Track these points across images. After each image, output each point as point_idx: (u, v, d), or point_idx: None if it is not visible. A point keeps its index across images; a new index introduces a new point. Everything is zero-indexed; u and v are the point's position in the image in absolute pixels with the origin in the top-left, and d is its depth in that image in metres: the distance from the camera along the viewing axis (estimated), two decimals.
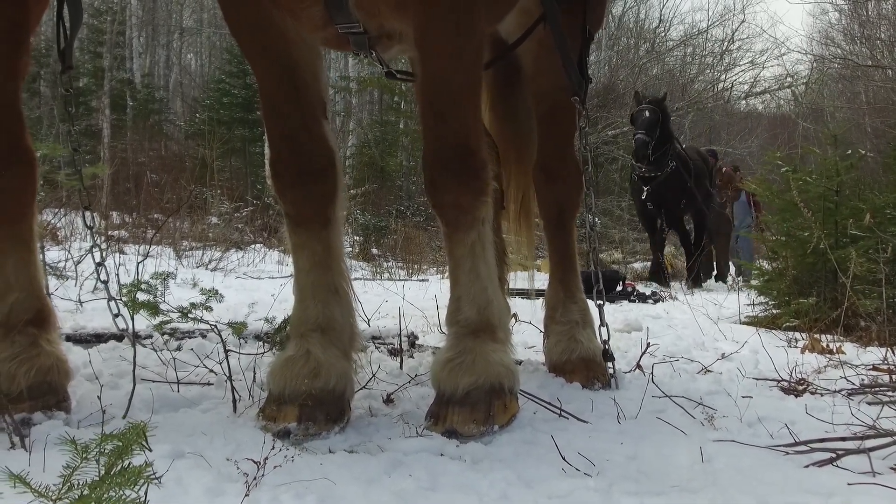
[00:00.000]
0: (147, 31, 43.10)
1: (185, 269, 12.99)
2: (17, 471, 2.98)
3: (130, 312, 4.07)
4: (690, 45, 48.42)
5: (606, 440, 3.71)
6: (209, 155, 26.74)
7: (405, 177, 34.89)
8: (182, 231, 18.01)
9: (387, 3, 3.72)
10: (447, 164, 3.74)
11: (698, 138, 40.67)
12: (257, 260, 16.85)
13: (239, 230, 20.74)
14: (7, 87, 3.86)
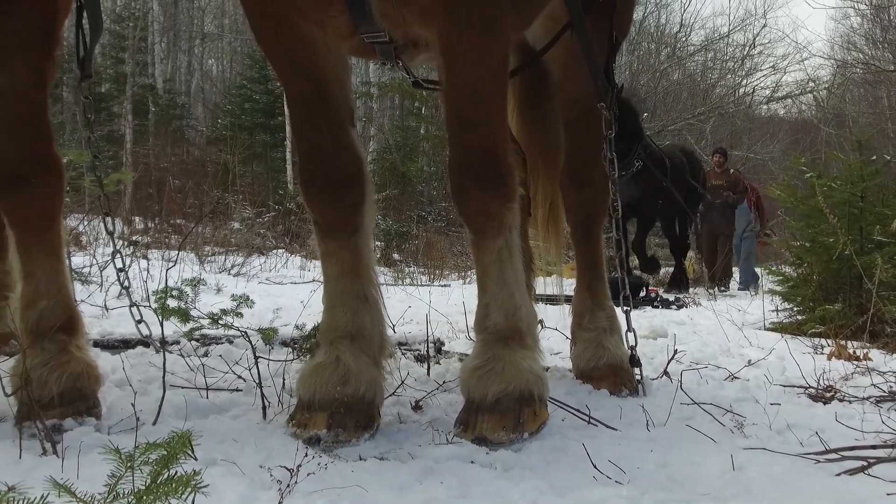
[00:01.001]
0: (169, 36, 43.26)
1: (207, 273, 13.01)
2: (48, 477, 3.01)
3: (160, 319, 4.09)
4: (712, 50, 48.32)
5: (636, 448, 3.70)
6: (231, 160, 26.83)
7: (426, 182, 34.91)
8: (204, 236, 18.05)
9: (411, 11, 3.71)
10: (474, 170, 3.74)
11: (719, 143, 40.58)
12: (279, 265, 16.88)
13: (261, 235, 20.78)
14: (36, 96, 3.89)
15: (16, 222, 3.89)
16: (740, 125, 45.42)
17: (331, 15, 3.72)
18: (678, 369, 5.35)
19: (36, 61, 3.88)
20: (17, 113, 3.83)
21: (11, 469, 3.14)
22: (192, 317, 4.08)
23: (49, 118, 4.01)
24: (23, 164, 3.80)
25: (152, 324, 5.32)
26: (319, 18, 3.77)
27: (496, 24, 3.73)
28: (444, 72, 3.77)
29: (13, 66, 3.80)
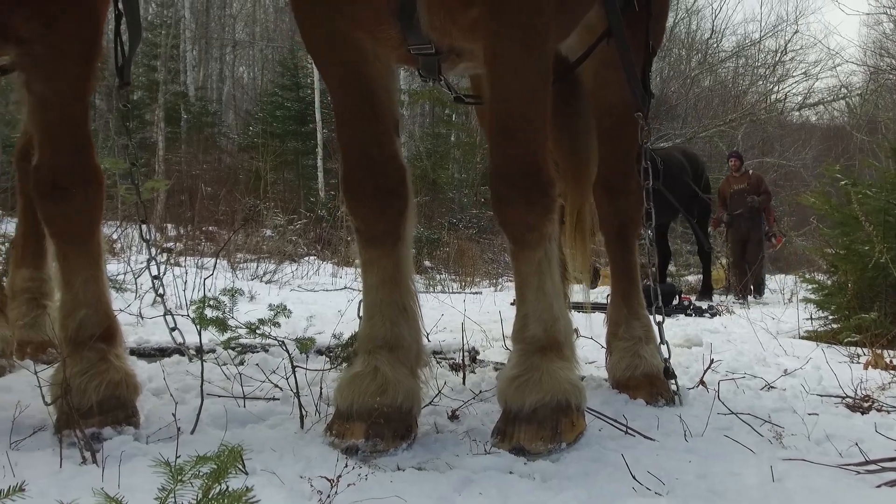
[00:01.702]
0: (200, 44, 43.44)
1: (240, 281, 13.05)
2: (89, 486, 3.03)
3: (198, 328, 4.10)
4: (743, 56, 48.12)
5: (675, 458, 3.69)
6: (263, 167, 26.92)
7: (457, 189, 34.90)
8: (237, 243, 18.12)
9: (459, 25, 3.74)
10: (515, 181, 3.74)
11: (751, 150, 40.39)
12: (311, 272, 16.93)
13: (293, 242, 20.83)
14: (78, 107, 3.92)
15: (56, 231, 3.92)
16: (772, 132, 45.17)
17: (382, 26, 3.75)
18: (714, 379, 5.33)
19: (78, 72, 3.91)
20: (59, 123, 3.87)
21: (53, 478, 3.16)
22: (230, 326, 4.09)
23: (89, 128, 4.04)
24: (63, 173, 3.83)
25: (187, 331, 5.36)
26: (371, 29, 3.80)
27: (541, 36, 3.75)
28: (489, 82, 3.79)
29: (56, 77, 3.83)
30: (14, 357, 5.28)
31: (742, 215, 18.90)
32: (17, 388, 4.62)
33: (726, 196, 19.25)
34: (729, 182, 19.61)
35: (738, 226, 19.08)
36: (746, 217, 18.91)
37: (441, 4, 3.66)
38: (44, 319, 5.55)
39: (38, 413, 3.90)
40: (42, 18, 3.73)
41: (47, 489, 2.99)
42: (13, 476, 3.22)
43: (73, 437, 3.53)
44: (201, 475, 2.10)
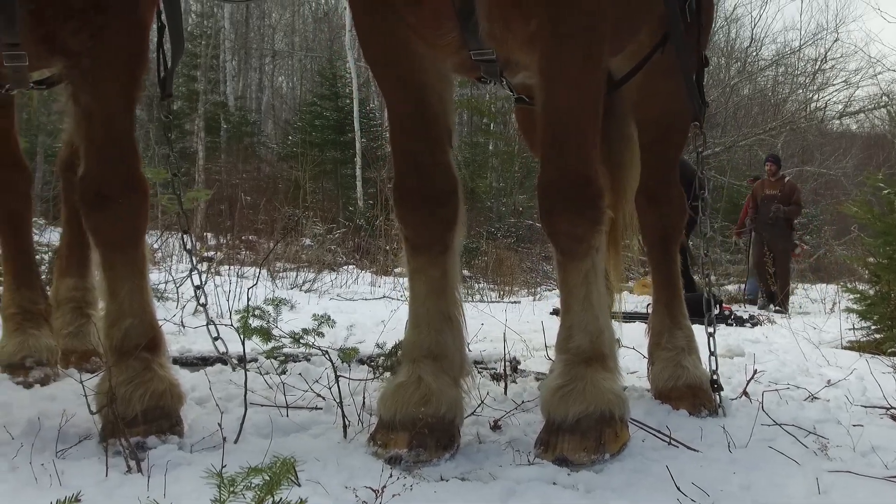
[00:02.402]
0: (240, 54, 43.67)
1: (279, 290, 13.09)
2: (135, 495, 3.06)
3: (242, 338, 4.12)
4: (782, 65, 47.82)
5: (718, 469, 3.68)
6: (302, 177, 27.00)
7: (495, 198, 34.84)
8: (276, 252, 18.17)
9: (516, 36, 3.76)
10: (565, 192, 3.75)
11: (791, 158, 40.12)
12: (350, 281, 16.92)
13: (331, 252, 20.86)
14: (124, 118, 3.96)
15: (101, 241, 3.95)
16: (812, 140, 44.82)
17: (441, 32, 3.78)
18: (757, 389, 5.30)
19: (124, 83, 3.95)
20: (105, 133, 3.90)
21: (99, 487, 3.19)
22: (274, 336, 4.11)
23: (135, 139, 4.07)
24: (109, 183, 3.87)
25: (229, 340, 5.39)
26: (430, 35, 3.83)
27: (597, 51, 3.79)
28: (542, 92, 3.80)
29: (102, 89, 3.87)
30: (58, 366, 5.32)
31: (766, 223, 18.33)
32: (62, 396, 4.66)
33: (757, 199, 18.70)
34: (763, 186, 19.01)
35: (761, 232, 18.51)
36: (770, 225, 18.32)
37: (500, 15, 3.68)
38: (88, 328, 5.58)
39: (84, 422, 3.94)
40: (89, 31, 3.77)
41: (94, 498, 3.02)
42: (59, 484, 3.26)
43: (118, 446, 3.56)
44: (253, 486, 2.11)
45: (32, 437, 3.77)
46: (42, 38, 3.81)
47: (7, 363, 5.18)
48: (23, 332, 5.24)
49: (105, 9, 3.77)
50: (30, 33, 3.75)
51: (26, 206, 5.47)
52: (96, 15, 3.76)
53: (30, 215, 5.57)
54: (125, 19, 3.88)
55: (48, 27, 3.76)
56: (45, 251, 8.32)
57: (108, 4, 3.79)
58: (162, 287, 9.56)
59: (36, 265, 5.70)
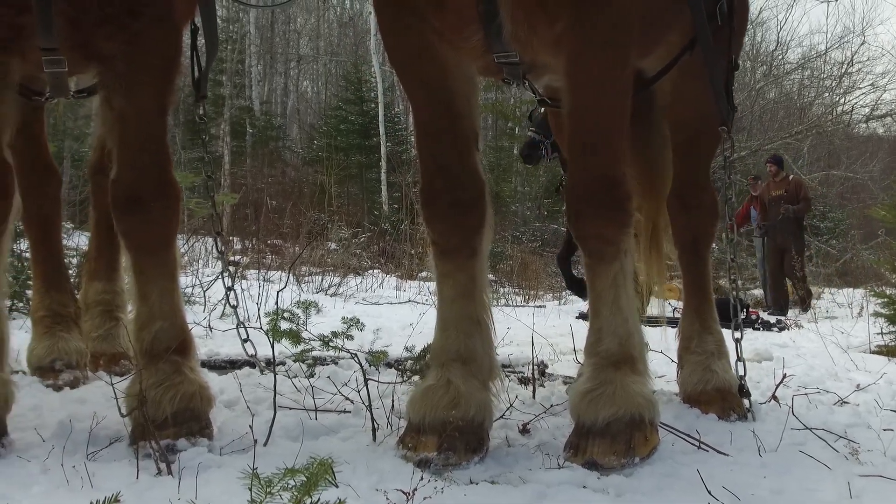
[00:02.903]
0: (265, 59, 43.79)
1: (305, 293, 13.12)
2: (166, 497, 3.07)
3: (271, 341, 4.13)
4: (809, 68, 47.57)
5: (749, 473, 3.66)
6: (327, 181, 27.06)
7: (520, 202, 34.85)
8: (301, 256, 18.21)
9: (542, 40, 3.75)
10: (593, 195, 3.74)
11: (817, 162, 39.95)
12: (375, 285, 16.96)
13: (357, 256, 20.90)
14: (157, 122, 3.98)
15: (133, 245, 3.97)
16: (838, 144, 44.55)
17: (466, 35, 3.78)
18: (786, 394, 5.27)
19: (158, 87, 3.97)
20: (138, 137, 3.92)
21: (130, 489, 3.19)
22: (304, 339, 4.12)
23: (168, 143, 4.09)
24: (141, 187, 3.88)
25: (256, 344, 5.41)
26: (455, 39, 3.83)
27: (625, 52, 3.78)
28: (569, 95, 3.80)
29: (136, 93, 3.89)
30: (87, 369, 5.35)
31: (778, 224, 17.98)
32: (91, 399, 4.69)
33: (765, 201, 18.45)
34: (768, 188, 18.67)
35: (774, 235, 18.17)
36: (782, 226, 17.96)
37: (525, 18, 3.67)
38: (116, 331, 5.61)
39: (114, 424, 3.95)
40: (124, 36, 3.79)
41: (126, 500, 3.01)
42: (91, 486, 3.28)
43: (148, 449, 3.57)
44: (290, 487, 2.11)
45: (63, 439, 3.78)
46: (78, 43, 3.83)
47: (37, 366, 5.22)
48: (52, 335, 5.27)
49: (140, 14, 3.79)
50: (66, 39, 3.77)
51: (56, 209, 5.50)
52: (131, 20, 3.78)
53: (59, 219, 5.61)
54: (160, 24, 3.89)
55: (84, 33, 3.78)
56: (73, 255, 8.36)
57: (143, 10, 3.81)
58: (189, 291, 9.59)
59: (65, 268, 5.74)
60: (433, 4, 3.76)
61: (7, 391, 3.81)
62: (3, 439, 3.72)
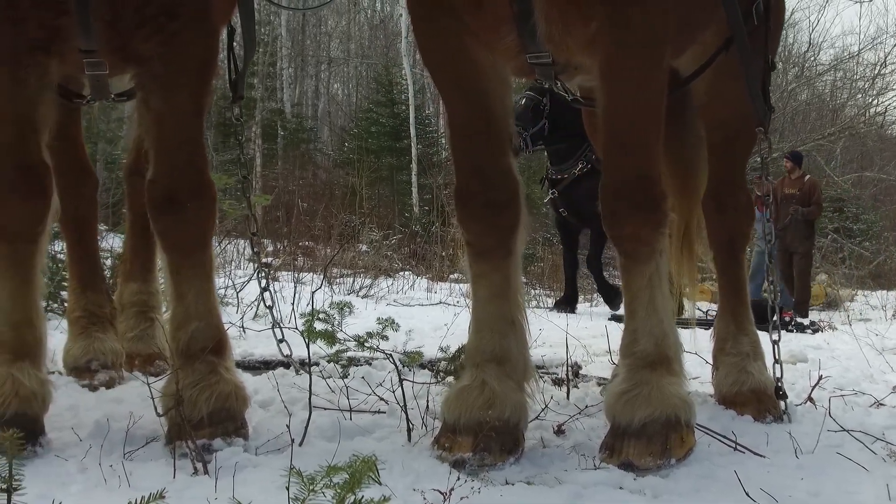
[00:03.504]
0: (296, 61, 43.88)
1: (336, 295, 13.13)
2: (204, 497, 3.08)
3: (306, 341, 4.14)
4: (841, 69, 47.28)
5: (786, 475, 3.65)
6: (358, 183, 27.11)
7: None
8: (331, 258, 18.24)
9: (576, 40, 3.75)
10: (629, 195, 3.73)
11: (849, 164, 39.72)
12: (406, 287, 16.96)
13: (388, 257, 20.90)
14: (194, 123, 4.00)
15: (169, 245, 3.99)
16: (871, 146, 44.27)
17: (501, 35, 3.77)
18: (822, 395, 5.24)
19: (195, 88, 4.00)
20: (175, 138, 3.95)
21: (167, 488, 3.18)
22: (339, 339, 4.13)
23: (204, 144, 4.12)
24: (178, 188, 3.90)
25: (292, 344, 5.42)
26: (489, 40, 3.83)
27: (660, 51, 3.77)
28: (604, 96, 3.79)
29: (173, 94, 3.92)
30: (123, 369, 5.38)
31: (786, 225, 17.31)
32: (127, 399, 4.71)
33: (777, 198, 17.91)
34: (782, 184, 18.00)
35: (783, 236, 17.26)
36: (791, 228, 17.45)
37: (559, 17, 3.67)
38: (151, 332, 5.64)
39: (150, 424, 3.97)
40: (162, 37, 3.82)
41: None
42: (128, 486, 3.30)
43: (184, 448, 3.59)
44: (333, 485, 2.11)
45: (100, 438, 3.82)
46: (117, 46, 3.86)
47: (73, 366, 5.25)
48: (88, 336, 5.30)
49: (177, 16, 3.82)
50: (105, 41, 3.80)
51: (92, 211, 5.54)
52: (169, 22, 3.80)
53: (95, 220, 5.65)
54: (197, 26, 3.92)
55: (122, 35, 3.81)
56: (107, 256, 8.39)
57: (180, 12, 3.83)
58: (222, 292, 9.61)
59: (101, 269, 5.77)
60: (469, 4, 3.77)
61: (45, 391, 3.84)
62: (41, 439, 3.74)
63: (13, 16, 3.71)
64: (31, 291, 3.92)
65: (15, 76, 3.80)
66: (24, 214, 3.84)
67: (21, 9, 3.71)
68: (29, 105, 3.84)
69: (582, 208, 14.01)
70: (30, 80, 3.82)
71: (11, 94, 3.81)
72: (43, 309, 4.09)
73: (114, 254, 8.28)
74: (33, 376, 3.79)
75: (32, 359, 3.84)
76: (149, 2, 3.78)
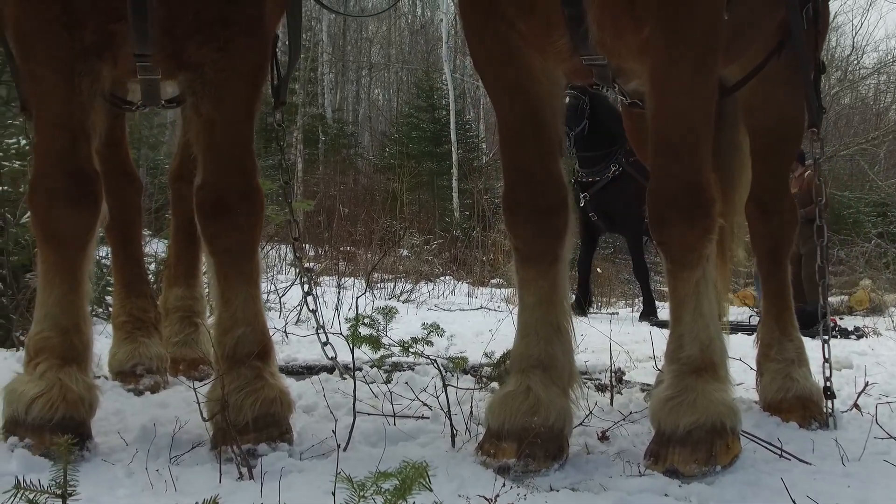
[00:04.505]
0: (337, 67, 44.02)
1: (377, 300, 13.15)
2: (249, 501, 3.09)
3: (351, 346, 4.15)
4: (885, 73, 46.89)
5: (832, 483, 3.62)
6: (399, 188, 27.14)
7: None
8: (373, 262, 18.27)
9: (628, 46, 3.75)
10: (678, 200, 3.71)
11: (894, 168, 39.36)
12: (447, 292, 16.95)
13: (428, 262, 20.91)
14: (244, 128, 4.01)
15: (217, 250, 4.01)
16: None
17: (552, 40, 3.77)
18: (868, 402, 5.19)
19: (246, 94, 4.02)
20: (225, 144, 3.97)
21: (212, 493, 3.19)
22: (384, 344, 4.14)
23: (253, 149, 4.13)
24: (227, 193, 3.92)
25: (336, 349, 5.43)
26: (541, 43, 3.83)
27: (712, 58, 3.76)
28: (655, 100, 3.78)
29: (225, 100, 3.94)
30: (167, 373, 5.41)
31: None
32: (172, 403, 4.74)
33: None
34: None
35: None
36: None
37: (611, 22, 3.66)
38: (195, 337, 5.67)
39: (195, 428, 4.00)
40: (216, 44, 3.85)
41: None
42: (175, 490, 3.31)
43: (229, 453, 3.60)
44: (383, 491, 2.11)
45: (146, 443, 3.84)
46: (171, 52, 3.89)
47: (118, 370, 5.29)
48: (133, 341, 5.34)
49: (232, 23, 3.85)
50: (160, 47, 3.84)
51: (137, 216, 5.58)
52: (223, 29, 3.83)
53: (140, 225, 5.70)
54: (251, 33, 3.94)
55: (177, 41, 3.84)
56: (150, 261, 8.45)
57: (235, 19, 3.86)
58: (265, 297, 9.64)
59: (146, 274, 5.82)
60: (521, 9, 3.76)
61: (92, 395, 3.86)
62: (87, 443, 3.76)
63: (68, 21, 3.74)
64: (79, 297, 3.94)
65: (69, 82, 3.81)
66: (74, 221, 3.87)
67: (76, 14, 3.74)
68: (81, 111, 3.86)
69: (613, 213, 13.96)
70: (83, 85, 3.84)
71: (65, 100, 3.83)
72: (90, 314, 4.12)
73: (157, 259, 8.32)
74: (80, 381, 3.81)
75: (79, 363, 3.87)
76: (205, 9, 3.81)
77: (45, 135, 3.93)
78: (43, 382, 3.73)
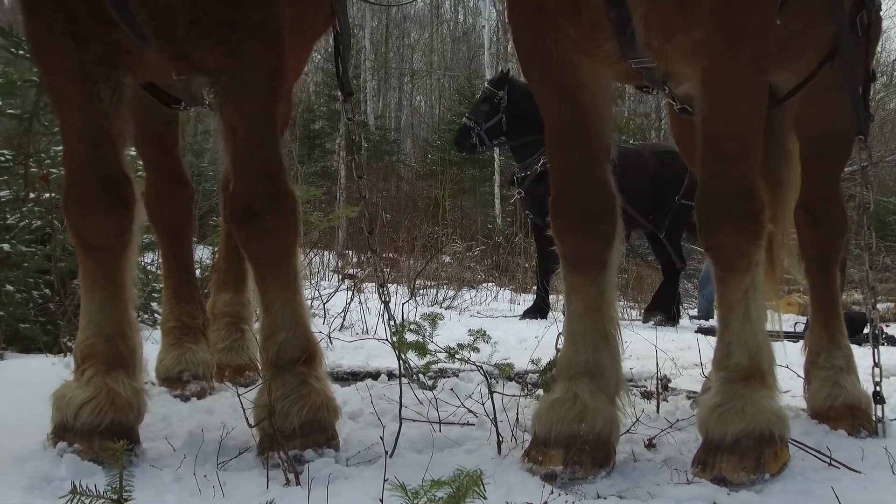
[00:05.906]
0: (380, 74, 44.17)
1: (420, 307, 13.16)
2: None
3: (397, 353, 4.15)
4: None
5: (882, 492, 3.59)
6: (441, 195, 27.16)
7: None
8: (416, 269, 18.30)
9: (677, 48, 3.73)
10: (727, 206, 3.69)
11: None
12: (489, 298, 16.95)
13: (471, 269, 20.91)
14: (267, 133, 4.00)
15: (251, 255, 4.02)
16: None
17: (598, 43, 3.76)
18: None
19: (265, 98, 3.99)
20: (249, 149, 3.96)
21: (261, 498, 3.23)
22: (429, 350, 4.14)
23: (281, 154, 4.12)
24: (256, 199, 3.91)
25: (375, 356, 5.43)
26: (588, 46, 3.82)
27: (764, 62, 3.74)
28: (706, 104, 3.75)
29: (243, 104, 3.94)
30: (213, 379, 5.44)
31: None
32: (219, 409, 4.76)
33: None
34: None
35: None
36: None
37: (660, 24, 3.64)
38: (242, 343, 5.68)
39: (242, 434, 4.01)
40: (224, 48, 3.83)
41: None
42: (223, 496, 3.33)
43: (276, 459, 3.62)
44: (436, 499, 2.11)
45: (194, 448, 3.85)
46: (176, 54, 3.90)
47: (165, 376, 5.31)
48: (180, 346, 5.36)
49: (238, 27, 3.82)
50: (161, 49, 3.84)
51: (188, 222, 5.62)
52: (230, 33, 3.81)
53: (190, 231, 5.73)
54: (259, 35, 3.91)
55: (179, 43, 3.83)
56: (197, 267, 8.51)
57: (242, 23, 3.84)
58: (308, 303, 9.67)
59: (195, 280, 5.84)
60: (567, 11, 3.76)
61: (140, 401, 3.89)
62: (136, 448, 3.79)
63: (73, 31, 3.76)
64: (121, 302, 3.97)
65: (86, 91, 3.84)
66: (106, 227, 3.89)
67: (79, 24, 3.76)
68: (105, 118, 3.88)
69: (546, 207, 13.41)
70: (102, 93, 3.87)
71: (86, 110, 3.86)
72: (136, 319, 4.14)
73: (203, 265, 8.37)
74: (128, 386, 3.84)
75: (126, 368, 3.90)
76: (206, 13, 3.78)
77: (71, 144, 3.97)
78: (90, 388, 3.76)
